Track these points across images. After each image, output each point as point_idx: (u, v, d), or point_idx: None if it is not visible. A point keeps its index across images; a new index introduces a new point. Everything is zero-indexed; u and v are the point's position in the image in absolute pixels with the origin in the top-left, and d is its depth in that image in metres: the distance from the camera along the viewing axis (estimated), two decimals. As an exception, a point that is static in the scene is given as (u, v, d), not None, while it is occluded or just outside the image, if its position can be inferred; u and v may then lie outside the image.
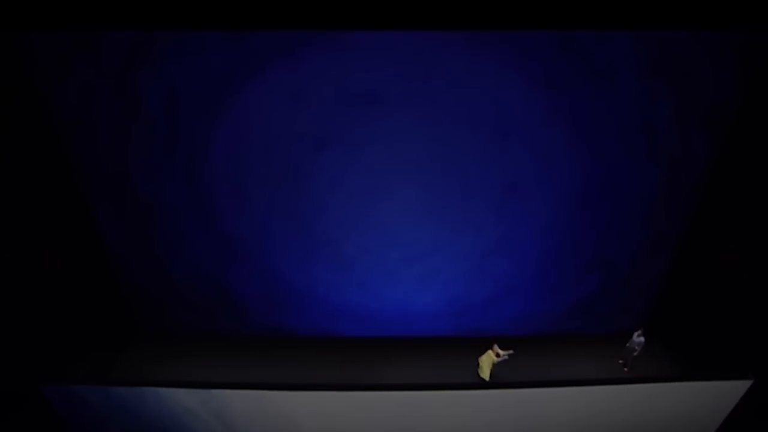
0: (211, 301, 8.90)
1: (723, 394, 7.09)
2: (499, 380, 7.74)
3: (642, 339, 8.47)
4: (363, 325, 9.12)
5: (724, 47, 6.60)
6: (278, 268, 8.45)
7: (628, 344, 8.67)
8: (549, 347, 9.21)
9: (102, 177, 7.47)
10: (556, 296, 9.00)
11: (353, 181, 7.55)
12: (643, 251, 8.49)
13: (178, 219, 7.89)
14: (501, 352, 8.10)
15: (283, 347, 9.11)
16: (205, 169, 7.42)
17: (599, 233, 8.23)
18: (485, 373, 8.15)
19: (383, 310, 9.03)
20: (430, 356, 8.97)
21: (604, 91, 6.89)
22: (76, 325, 8.10)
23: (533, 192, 7.74)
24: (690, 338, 8.80)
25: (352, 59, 6.56)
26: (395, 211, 7.85)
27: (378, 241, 8.17)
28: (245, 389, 6.61)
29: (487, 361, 8.13)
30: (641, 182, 7.69)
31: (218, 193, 7.65)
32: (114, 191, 7.61)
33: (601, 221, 8.09)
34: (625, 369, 8.79)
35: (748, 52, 6.61)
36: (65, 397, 6.82)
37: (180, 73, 6.64)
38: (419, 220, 7.96)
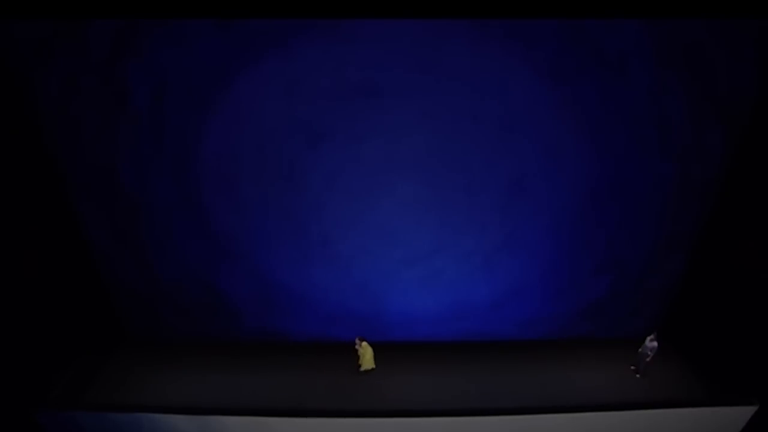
0: (201, 303, 8.69)
1: (728, 418, 7.11)
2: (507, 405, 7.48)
3: (655, 344, 8.26)
4: (361, 329, 8.84)
5: (741, 37, 6.41)
6: (272, 269, 8.25)
7: (640, 349, 8.45)
8: (557, 352, 8.98)
9: (86, 174, 7.26)
10: (564, 299, 8.77)
11: (351, 178, 7.36)
12: (655, 252, 8.26)
13: (166, 218, 7.69)
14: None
15: (277, 352, 8.87)
16: (195, 166, 7.23)
17: (609, 233, 8.02)
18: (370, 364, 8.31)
19: (383, 313, 8.81)
20: (431, 362, 8.74)
21: (614, 83, 6.71)
22: (60, 330, 7.91)
23: (540, 189, 7.54)
24: (705, 343, 8.58)
25: (350, 50, 6.40)
26: (395, 210, 7.65)
27: (377, 241, 7.96)
28: (243, 415, 6.49)
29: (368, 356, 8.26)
30: (653, 179, 7.49)
31: (209, 191, 7.46)
32: (99, 188, 7.40)
33: (612, 220, 7.88)
34: (637, 375, 8.54)
35: (766, 41, 6.39)
36: (58, 420, 6.70)
37: (168, 64, 6.46)
38: (420, 218, 7.76)
